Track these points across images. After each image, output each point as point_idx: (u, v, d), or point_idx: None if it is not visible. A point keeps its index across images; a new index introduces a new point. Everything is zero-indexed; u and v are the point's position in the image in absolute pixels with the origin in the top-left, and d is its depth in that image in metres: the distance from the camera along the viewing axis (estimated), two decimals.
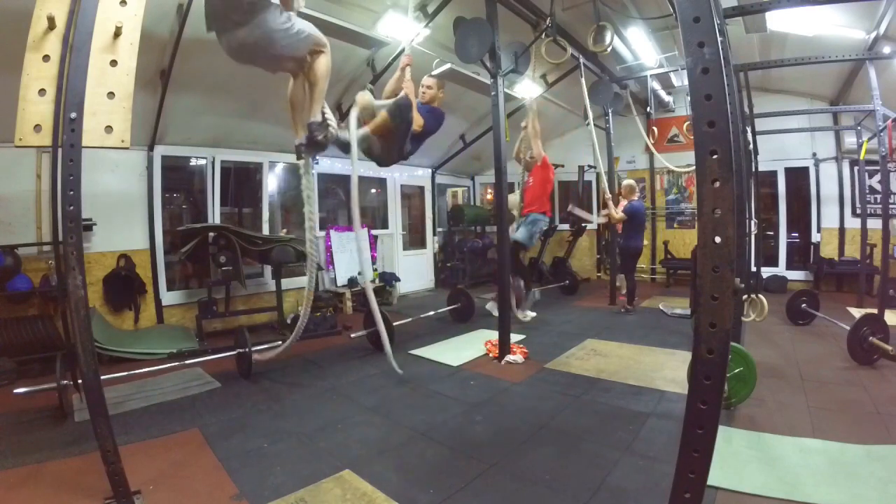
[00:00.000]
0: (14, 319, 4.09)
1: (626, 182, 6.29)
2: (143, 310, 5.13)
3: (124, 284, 4.90)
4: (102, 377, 1.99)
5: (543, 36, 4.74)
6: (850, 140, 7.09)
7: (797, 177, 7.82)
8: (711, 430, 1.20)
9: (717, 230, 1.16)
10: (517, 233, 5.43)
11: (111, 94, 2.06)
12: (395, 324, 4.92)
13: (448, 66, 5.56)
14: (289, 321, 5.46)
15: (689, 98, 1.24)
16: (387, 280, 7.48)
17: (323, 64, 2.45)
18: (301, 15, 4.13)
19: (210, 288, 5.29)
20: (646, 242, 7.69)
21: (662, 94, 8.08)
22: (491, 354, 4.36)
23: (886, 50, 4.82)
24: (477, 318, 5.77)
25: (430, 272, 8.99)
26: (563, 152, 9.43)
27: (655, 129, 7.97)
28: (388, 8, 4.80)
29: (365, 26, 4.83)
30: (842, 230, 7.31)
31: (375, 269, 7.53)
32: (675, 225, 8.78)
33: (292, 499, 2.14)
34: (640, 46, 6.16)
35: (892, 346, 3.63)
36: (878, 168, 5.52)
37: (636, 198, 6.03)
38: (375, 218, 8.46)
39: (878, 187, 6.53)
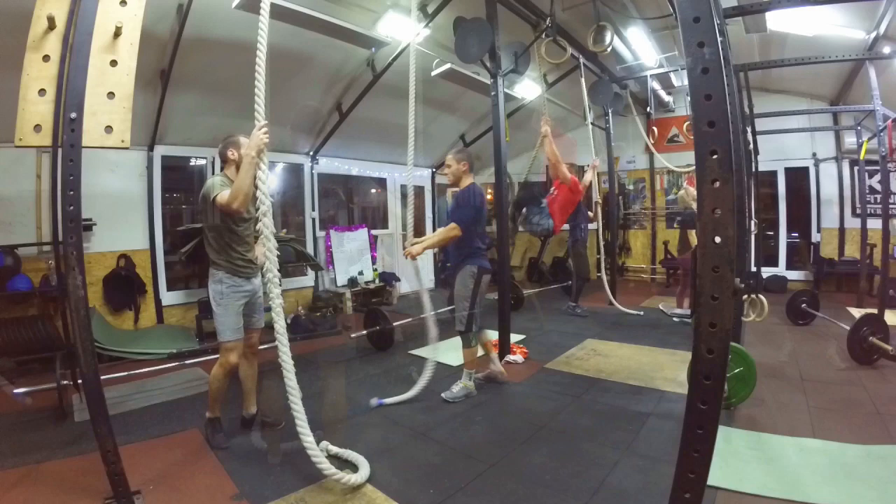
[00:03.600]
0: (14, 319, 4.09)
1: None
2: (143, 310, 5.13)
3: (124, 284, 4.90)
4: (102, 377, 1.99)
5: (543, 36, 4.74)
6: (850, 140, 7.08)
7: (797, 177, 7.82)
8: (711, 430, 1.20)
9: (717, 230, 1.16)
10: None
11: (111, 94, 2.06)
12: (395, 324, 4.93)
13: (448, 66, 5.57)
14: (288, 321, 5.46)
15: (689, 98, 1.24)
16: (387, 280, 7.48)
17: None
18: (302, 15, 4.13)
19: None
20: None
21: (662, 94, 8.07)
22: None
23: (886, 50, 4.82)
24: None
25: (430, 272, 8.98)
26: (564, 152, 9.42)
27: (655, 129, 7.97)
28: (388, 8, 4.80)
29: (365, 26, 4.83)
30: (842, 230, 7.31)
31: (375, 270, 7.53)
32: (676, 225, 8.77)
33: (292, 499, 2.14)
34: (640, 46, 6.16)
35: (892, 346, 3.63)
36: (878, 168, 5.52)
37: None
38: (375, 218, 8.46)
39: (878, 187, 6.53)
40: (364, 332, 4.54)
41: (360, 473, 2.29)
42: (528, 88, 6.85)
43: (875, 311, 4.33)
